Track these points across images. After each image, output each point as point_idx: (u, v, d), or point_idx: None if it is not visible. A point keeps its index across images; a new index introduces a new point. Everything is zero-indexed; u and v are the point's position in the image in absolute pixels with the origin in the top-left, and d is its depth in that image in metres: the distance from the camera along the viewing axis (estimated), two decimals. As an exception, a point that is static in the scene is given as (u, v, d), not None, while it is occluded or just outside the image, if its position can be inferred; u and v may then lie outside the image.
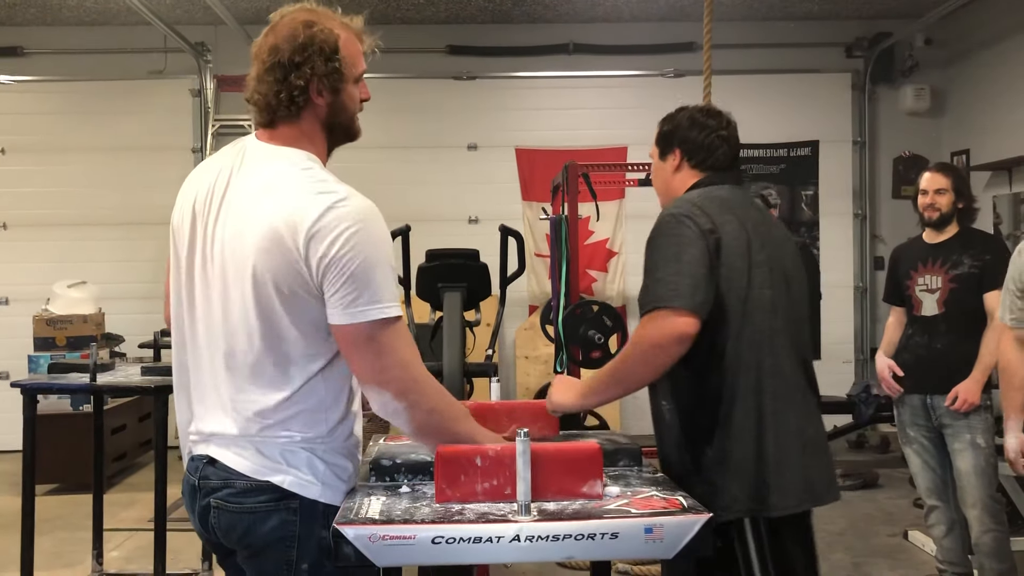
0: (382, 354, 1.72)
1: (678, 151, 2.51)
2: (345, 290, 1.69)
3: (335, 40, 1.83)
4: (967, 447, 3.62)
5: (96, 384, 3.78)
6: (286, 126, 1.83)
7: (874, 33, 7.58)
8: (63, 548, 4.80)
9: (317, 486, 1.77)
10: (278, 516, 1.76)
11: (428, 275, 3.70)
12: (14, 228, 7.53)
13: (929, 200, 3.74)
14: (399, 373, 1.73)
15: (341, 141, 1.93)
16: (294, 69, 1.79)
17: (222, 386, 1.81)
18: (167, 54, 7.46)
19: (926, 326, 3.75)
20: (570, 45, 7.59)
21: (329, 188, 1.74)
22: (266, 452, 1.77)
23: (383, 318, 1.71)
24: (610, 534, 1.62)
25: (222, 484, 1.79)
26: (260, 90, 1.82)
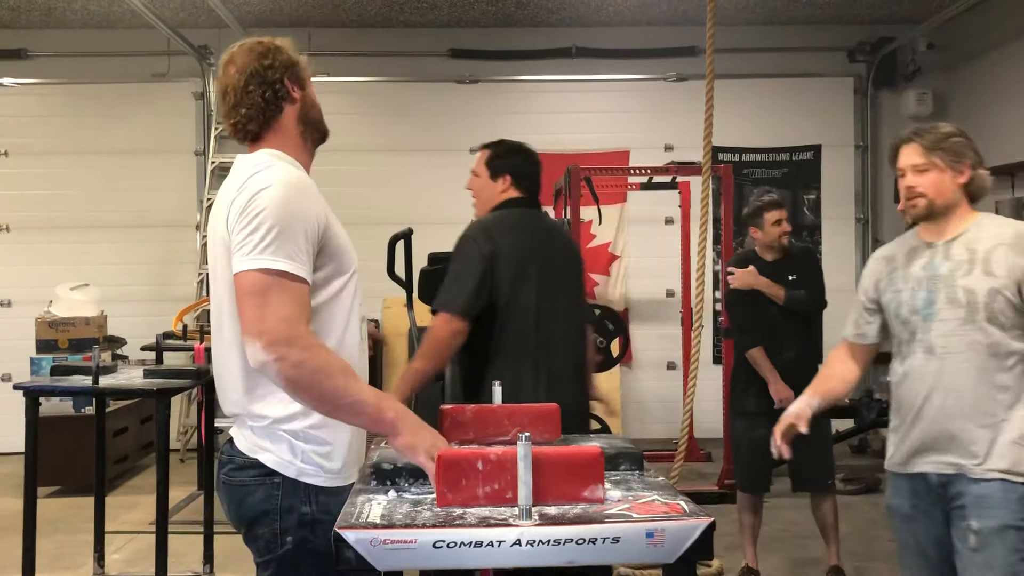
0: (264, 305, 1.78)
1: (508, 176, 3.19)
2: (242, 238, 1.81)
3: (278, 46, 2.07)
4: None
5: (98, 386, 3.79)
6: (267, 135, 2.03)
7: (877, 38, 7.59)
8: (64, 550, 4.80)
9: (295, 466, 1.92)
10: (263, 490, 1.92)
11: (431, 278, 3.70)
12: (17, 230, 7.55)
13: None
14: (274, 325, 1.76)
15: (316, 140, 2.13)
16: (267, 70, 2.00)
17: (225, 373, 1.98)
18: (170, 57, 7.48)
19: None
20: (573, 49, 7.59)
21: (261, 167, 1.92)
22: (256, 431, 1.94)
23: (273, 268, 1.79)
24: (611, 538, 1.62)
25: (228, 459, 1.99)
26: (246, 104, 2.00)
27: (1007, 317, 2.38)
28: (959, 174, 2.46)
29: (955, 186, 2.46)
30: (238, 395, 1.95)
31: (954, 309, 2.42)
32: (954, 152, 2.46)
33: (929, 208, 2.47)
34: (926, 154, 2.47)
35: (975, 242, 2.44)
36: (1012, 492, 2.35)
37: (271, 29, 8.12)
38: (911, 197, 2.49)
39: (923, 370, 2.46)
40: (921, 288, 2.48)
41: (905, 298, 2.51)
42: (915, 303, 2.49)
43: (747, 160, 7.50)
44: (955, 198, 2.47)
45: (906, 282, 2.52)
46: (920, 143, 2.48)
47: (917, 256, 2.54)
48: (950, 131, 2.50)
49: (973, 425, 2.38)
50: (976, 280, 2.40)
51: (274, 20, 7.36)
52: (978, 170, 2.49)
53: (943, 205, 2.47)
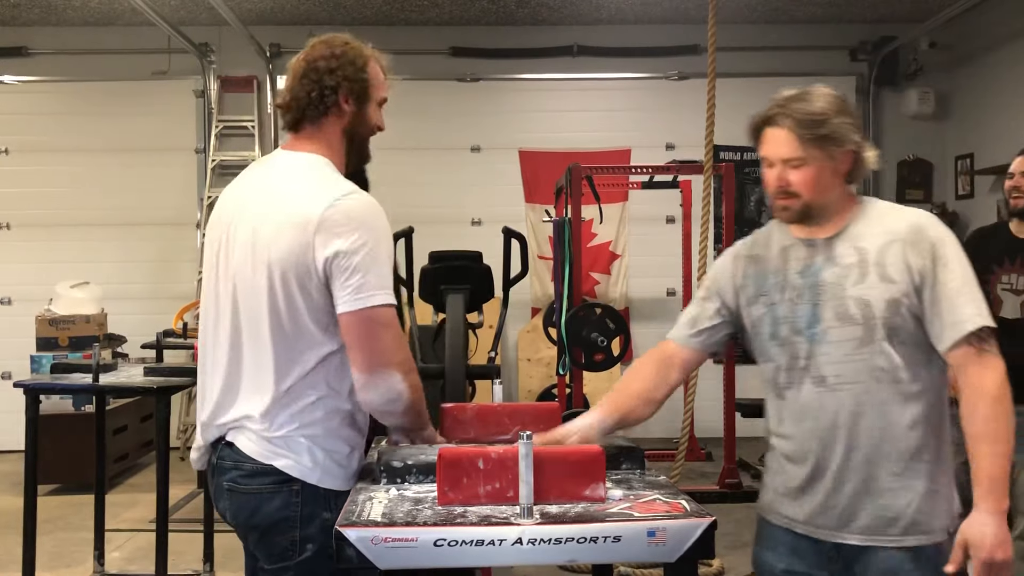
0: (384, 337, 1.87)
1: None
2: (351, 280, 1.84)
3: (365, 58, 2.03)
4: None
5: (98, 384, 3.78)
6: (311, 128, 2.01)
7: (878, 37, 7.58)
8: (64, 548, 4.80)
9: (317, 472, 1.92)
10: (281, 497, 1.90)
11: (431, 277, 3.69)
12: (17, 228, 7.54)
13: (1015, 183, 3.31)
14: (404, 358, 1.90)
15: (355, 160, 2.09)
16: (327, 73, 1.98)
17: (238, 377, 1.95)
18: (171, 55, 7.47)
19: (1007, 329, 3.36)
20: (574, 47, 7.58)
21: (337, 184, 1.92)
22: (271, 439, 1.91)
23: (385, 304, 1.86)
24: (612, 537, 1.62)
25: (233, 466, 1.94)
26: (294, 92, 2.01)
27: (909, 333, 1.87)
28: (842, 163, 1.93)
29: (836, 180, 1.94)
30: (257, 402, 1.92)
31: (846, 327, 1.88)
32: (836, 139, 1.90)
33: (805, 211, 1.94)
34: (801, 146, 1.90)
35: (862, 238, 1.91)
36: (926, 562, 1.87)
37: (271, 27, 8.15)
38: (782, 196, 1.95)
39: (814, 407, 1.92)
40: (802, 300, 1.93)
41: (782, 313, 1.96)
42: (796, 320, 1.93)
43: (749, 159, 7.48)
44: (836, 193, 1.95)
45: (782, 292, 1.97)
46: (794, 131, 1.91)
47: (791, 257, 1.99)
48: (829, 108, 1.91)
49: (885, 474, 1.87)
50: (871, 288, 1.87)
51: (275, 18, 7.36)
52: (863, 151, 1.95)
53: (822, 205, 1.94)
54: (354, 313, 1.85)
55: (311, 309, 1.88)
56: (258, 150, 7.54)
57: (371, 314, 1.85)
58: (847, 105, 1.95)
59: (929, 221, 1.91)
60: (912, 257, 1.86)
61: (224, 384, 1.97)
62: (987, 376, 1.82)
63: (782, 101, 1.94)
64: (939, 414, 1.93)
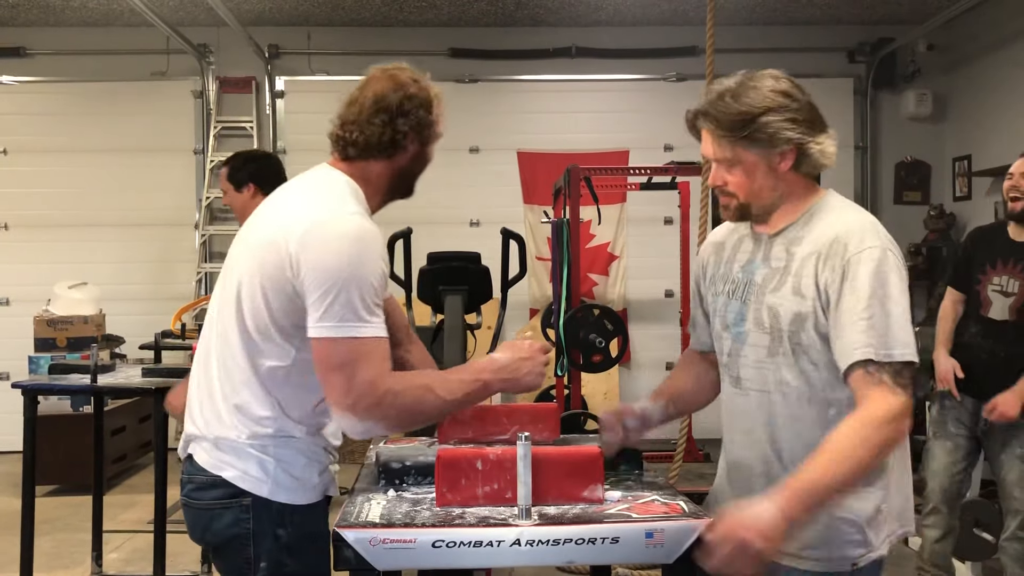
0: (344, 375, 1.72)
1: (252, 184, 3.51)
2: (316, 298, 1.72)
3: (433, 96, 1.98)
4: (1014, 459, 3.45)
5: (97, 385, 3.78)
6: (360, 163, 1.93)
7: (876, 38, 7.59)
8: (62, 549, 4.79)
9: (267, 484, 1.81)
10: (231, 514, 1.81)
11: (429, 278, 3.70)
12: (15, 229, 7.53)
13: (1013, 183, 3.39)
14: (362, 393, 1.72)
15: (398, 195, 2.02)
16: (401, 115, 1.91)
17: (204, 385, 1.89)
18: (169, 55, 7.47)
19: (992, 330, 3.48)
20: (572, 49, 7.59)
21: (336, 202, 1.81)
22: (221, 447, 1.83)
23: (354, 336, 1.72)
24: (611, 538, 1.62)
25: (188, 479, 1.88)
26: (362, 128, 1.91)
27: (819, 352, 1.74)
28: (778, 161, 1.78)
29: (774, 179, 1.79)
30: (212, 411, 1.84)
31: (760, 333, 1.80)
32: (765, 140, 1.75)
33: (743, 210, 1.83)
34: (729, 146, 1.78)
35: (797, 242, 1.79)
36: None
37: (270, 28, 8.15)
38: (721, 195, 1.85)
39: (730, 407, 1.89)
40: (735, 296, 1.86)
41: (720, 306, 1.90)
42: (727, 315, 1.87)
43: (746, 160, 7.50)
44: (779, 191, 1.80)
45: (725, 283, 1.90)
46: (718, 132, 1.78)
47: (741, 249, 1.90)
48: (757, 105, 1.75)
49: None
50: (783, 299, 1.77)
51: (273, 19, 7.36)
52: (809, 147, 1.76)
53: (762, 206, 1.82)
54: (319, 341, 1.73)
55: (275, 323, 1.78)
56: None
57: (335, 346, 1.72)
58: (789, 99, 1.77)
59: (855, 234, 1.73)
60: (824, 273, 1.72)
61: (195, 394, 1.91)
62: (871, 407, 1.64)
63: (712, 98, 1.80)
64: None
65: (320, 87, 7.57)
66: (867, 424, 1.64)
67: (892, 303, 1.67)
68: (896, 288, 1.69)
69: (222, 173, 3.69)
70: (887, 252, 1.71)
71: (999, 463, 3.56)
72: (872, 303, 1.67)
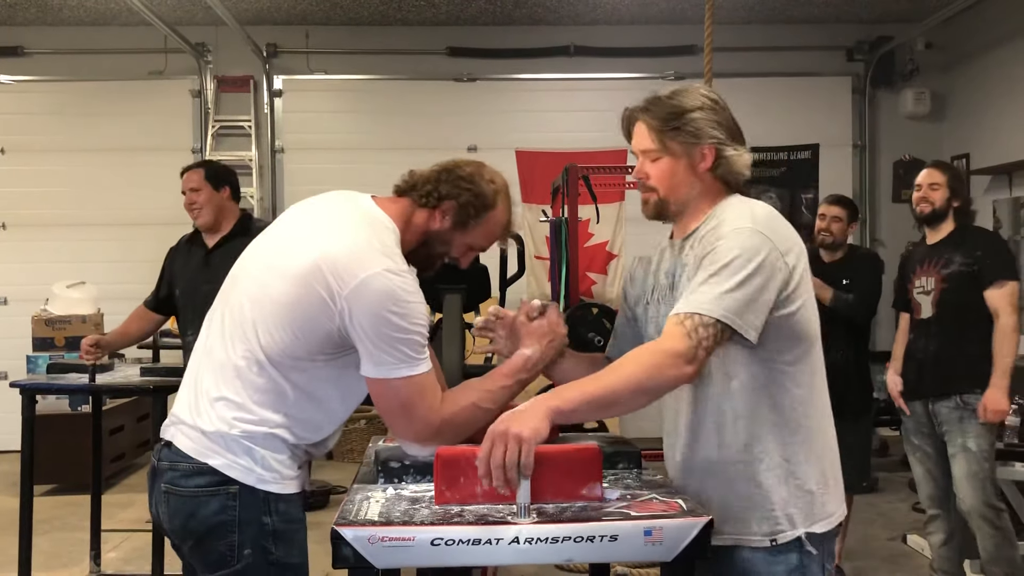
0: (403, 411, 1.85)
1: (228, 188, 3.93)
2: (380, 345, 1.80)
3: (493, 199, 2.01)
4: (960, 451, 3.54)
5: (95, 384, 3.79)
6: (405, 205, 1.98)
7: (875, 37, 7.59)
8: (61, 548, 4.79)
9: (255, 473, 1.84)
10: (218, 500, 1.83)
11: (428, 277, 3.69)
12: (13, 228, 7.53)
13: (922, 194, 3.64)
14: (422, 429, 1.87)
15: (418, 259, 2.02)
16: (455, 181, 1.98)
17: (202, 378, 1.90)
18: (167, 54, 7.46)
19: (923, 330, 3.67)
20: (571, 47, 7.59)
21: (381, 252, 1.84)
22: (209, 436, 1.84)
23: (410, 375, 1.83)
24: (609, 536, 1.62)
25: (169, 466, 1.87)
26: (424, 175, 2.01)
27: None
28: (699, 159, 1.88)
29: (693, 176, 1.89)
30: (207, 401, 1.86)
31: None
32: (693, 132, 1.86)
33: (660, 207, 1.93)
34: (658, 136, 1.88)
35: (698, 241, 1.87)
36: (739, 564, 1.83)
37: (268, 27, 8.14)
38: (642, 189, 1.95)
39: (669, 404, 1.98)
40: (664, 301, 1.94)
41: (652, 313, 1.98)
42: (659, 320, 1.91)
43: (745, 159, 7.50)
44: (694, 191, 1.90)
45: (654, 291, 1.99)
46: (651, 123, 1.90)
47: (664, 257, 2.00)
48: (690, 104, 1.87)
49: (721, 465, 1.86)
50: (667, 308, 1.86)
51: (272, 18, 7.36)
52: (726, 150, 1.88)
53: (678, 201, 1.91)
54: (378, 382, 1.84)
55: (294, 352, 1.83)
56: (255, 150, 7.54)
57: (396, 385, 1.83)
58: (716, 105, 1.90)
59: (730, 221, 1.81)
60: (700, 255, 1.81)
61: (190, 384, 1.93)
62: (660, 339, 1.74)
63: (650, 97, 1.93)
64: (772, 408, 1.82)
65: (318, 86, 7.57)
66: (647, 350, 1.75)
67: (734, 275, 1.73)
68: (750, 264, 1.73)
69: (195, 174, 3.94)
70: (758, 233, 1.77)
71: (951, 460, 3.62)
72: (719, 272, 1.74)
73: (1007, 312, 3.49)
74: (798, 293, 1.81)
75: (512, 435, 1.63)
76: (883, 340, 6.53)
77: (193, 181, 3.90)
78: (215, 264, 3.74)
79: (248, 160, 7.42)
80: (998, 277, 3.51)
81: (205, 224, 3.90)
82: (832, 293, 4.04)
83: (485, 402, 1.92)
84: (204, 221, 3.89)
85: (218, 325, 1.93)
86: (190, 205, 3.91)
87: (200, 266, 3.87)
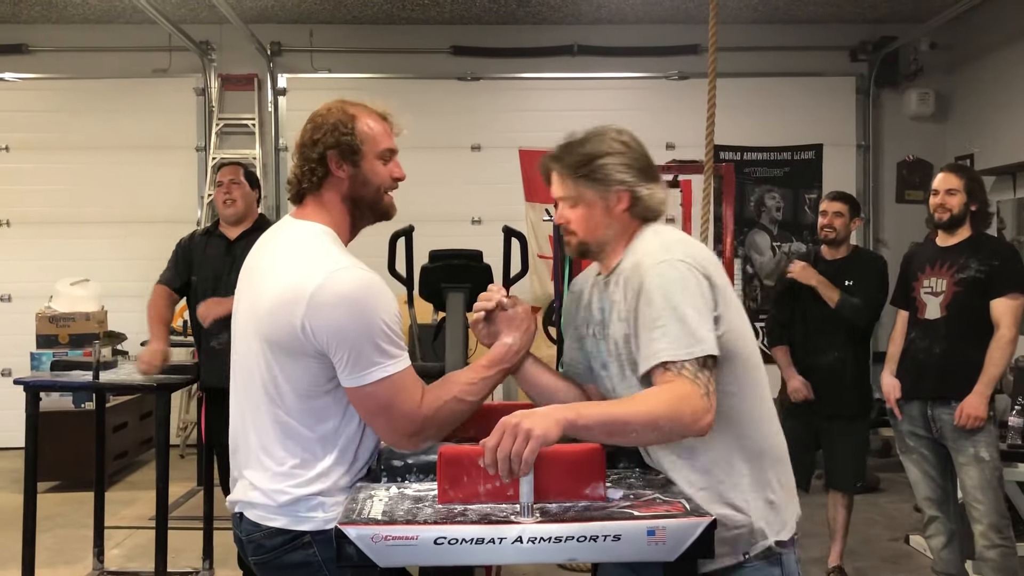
0: (386, 413, 1.86)
1: (258, 191, 4.23)
2: (345, 356, 1.82)
3: (349, 117, 1.98)
4: (972, 462, 3.52)
5: (98, 382, 3.79)
6: (311, 200, 2.00)
7: (879, 37, 7.58)
8: (64, 545, 4.80)
9: (318, 517, 1.88)
10: (299, 553, 1.90)
11: (431, 275, 3.69)
12: (17, 225, 7.54)
13: (939, 200, 3.61)
14: (404, 428, 1.87)
15: (370, 218, 2.05)
16: (312, 145, 1.96)
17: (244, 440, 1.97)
18: (171, 53, 7.47)
19: (928, 330, 3.65)
20: (574, 47, 7.59)
21: (328, 257, 1.88)
22: (267, 499, 1.91)
23: (383, 377, 1.83)
24: (612, 536, 1.62)
25: (247, 539, 1.95)
26: (292, 170, 2.02)
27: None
28: (615, 202, 1.95)
29: (609, 218, 1.96)
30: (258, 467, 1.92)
31: (615, 364, 1.95)
32: (602, 180, 1.94)
33: (581, 248, 2.01)
34: (571, 184, 1.97)
35: (620, 275, 1.94)
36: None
37: (272, 25, 8.14)
38: (565, 233, 2.03)
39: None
40: (600, 337, 2.00)
41: (590, 348, 2.05)
42: (600, 355, 2.01)
43: (749, 159, 7.49)
44: (611, 231, 1.97)
45: (588, 326, 2.06)
46: (562, 172, 1.99)
47: (594, 292, 2.05)
48: (597, 150, 1.97)
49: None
50: (616, 327, 1.93)
51: (275, 16, 7.36)
52: (639, 191, 1.95)
53: (597, 242, 1.99)
54: (353, 390, 1.85)
55: (308, 384, 1.87)
56: (258, 148, 7.55)
57: (370, 391, 1.84)
58: (626, 148, 1.98)
59: (650, 254, 1.86)
60: (629, 294, 1.86)
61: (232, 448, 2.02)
62: (671, 385, 1.73)
63: (562, 144, 2.03)
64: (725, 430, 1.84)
65: (322, 84, 7.57)
66: (662, 391, 1.74)
67: (683, 307, 1.77)
68: (686, 293, 1.78)
69: (237, 168, 4.16)
70: (677, 262, 1.82)
71: (957, 466, 3.61)
72: (664, 312, 1.77)
73: (1008, 325, 3.50)
74: (721, 312, 1.84)
75: (523, 429, 1.63)
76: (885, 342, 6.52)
77: (235, 173, 4.15)
78: (237, 254, 3.95)
79: (252, 158, 7.43)
80: (1010, 289, 3.51)
81: (236, 213, 4.10)
82: (839, 296, 4.03)
83: (467, 395, 1.93)
84: (235, 210, 4.10)
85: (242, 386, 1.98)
86: (226, 193, 4.10)
87: (222, 255, 4.06)
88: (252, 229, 4.08)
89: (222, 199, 4.12)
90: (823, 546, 4.25)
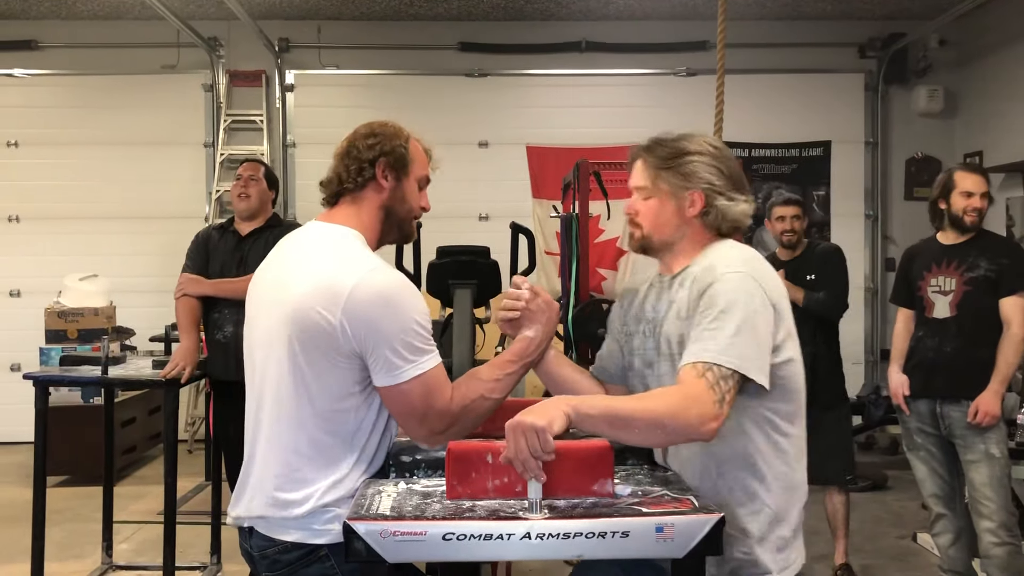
0: (416, 411, 1.87)
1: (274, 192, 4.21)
2: (380, 356, 1.84)
3: (405, 135, 2.05)
4: (982, 459, 3.50)
5: (107, 377, 3.80)
6: (347, 202, 2.01)
7: (888, 33, 7.56)
8: (73, 540, 4.82)
9: (333, 531, 1.86)
10: (317, 567, 1.89)
11: (439, 272, 3.70)
12: (26, 221, 7.57)
13: (975, 203, 3.55)
14: (433, 425, 1.89)
15: (395, 235, 2.07)
16: (366, 148, 1.99)
17: (259, 449, 1.96)
18: (180, 49, 7.48)
19: (937, 329, 3.63)
20: (582, 43, 7.58)
21: (363, 259, 1.89)
22: (281, 512, 1.89)
23: (418, 375, 1.85)
24: (621, 532, 1.62)
25: (261, 555, 1.94)
26: (335, 170, 2.03)
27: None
28: (688, 205, 1.94)
29: (679, 219, 1.95)
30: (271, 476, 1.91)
31: (664, 362, 1.94)
32: (684, 175, 1.92)
33: (643, 243, 2.01)
34: (652, 175, 1.96)
35: (688, 278, 1.93)
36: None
37: (280, 21, 8.15)
38: (631, 224, 2.02)
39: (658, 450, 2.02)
40: (650, 335, 2.00)
41: (636, 345, 2.05)
42: (646, 354, 2.01)
43: (757, 156, 7.47)
44: (678, 234, 1.96)
45: (638, 324, 2.05)
46: (648, 160, 1.98)
47: (651, 292, 2.05)
48: (690, 148, 1.94)
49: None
50: (671, 324, 1.93)
51: (284, 12, 7.37)
52: (718, 198, 1.92)
53: (661, 241, 1.99)
54: (387, 388, 1.86)
55: (336, 387, 1.87)
56: (266, 144, 7.56)
57: (405, 388, 1.85)
58: (718, 152, 1.95)
59: (723, 260, 1.86)
60: (694, 293, 1.85)
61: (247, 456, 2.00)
62: (685, 385, 1.74)
63: (655, 138, 2.01)
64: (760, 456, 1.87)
65: (330, 81, 7.58)
66: (672, 391, 1.75)
67: (740, 321, 1.76)
68: (748, 309, 1.78)
69: (257, 166, 4.19)
70: (750, 278, 1.82)
71: (965, 464, 3.59)
72: (720, 317, 1.77)
73: (1019, 323, 3.49)
74: (782, 341, 1.84)
75: (527, 425, 1.64)
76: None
77: (255, 170, 4.18)
78: (246, 250, 4.04)
79: (260, 154, 7.43)
80: (1021, 287, 3.50)
81: (250, 208, 4.12)
82: (804, 294, 4.06)
83: (493, 392, 1.96)
84: (250, 205, 4.11)
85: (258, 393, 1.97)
86: (243, 188, 4.12)
87: (232, 250, 4.10)
88: (264, 227, 4.11)
89: (237, 192, 4.14)
90: (827, 544, 4.24)
